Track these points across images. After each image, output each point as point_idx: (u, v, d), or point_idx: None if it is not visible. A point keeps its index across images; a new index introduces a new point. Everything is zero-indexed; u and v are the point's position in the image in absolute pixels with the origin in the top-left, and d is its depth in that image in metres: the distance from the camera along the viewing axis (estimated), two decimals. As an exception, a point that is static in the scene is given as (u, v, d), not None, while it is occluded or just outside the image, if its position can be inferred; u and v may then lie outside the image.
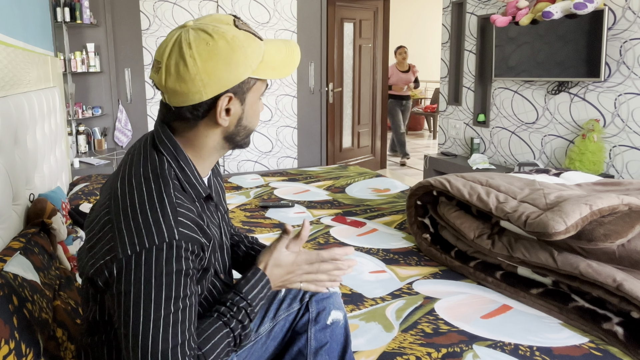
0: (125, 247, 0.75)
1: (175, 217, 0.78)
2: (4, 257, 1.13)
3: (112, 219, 0.79)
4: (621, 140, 3.20)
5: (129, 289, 0.75)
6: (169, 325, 0.75)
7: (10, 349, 0.87)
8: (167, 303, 0.75)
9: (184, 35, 0.80)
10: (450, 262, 1.76)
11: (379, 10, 5.41)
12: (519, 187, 1.69)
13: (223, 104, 0.83)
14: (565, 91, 3.53)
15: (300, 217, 2.35)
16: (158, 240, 0.75)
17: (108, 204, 0.82)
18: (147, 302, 0.74)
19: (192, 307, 0.79)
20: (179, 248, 0.76)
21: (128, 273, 0.75)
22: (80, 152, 4.11)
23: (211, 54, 0.79)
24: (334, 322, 1.09)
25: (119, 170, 0.88)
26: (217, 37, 0.80)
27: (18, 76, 1.73)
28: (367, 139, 5.68)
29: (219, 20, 0.83)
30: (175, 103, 0.83)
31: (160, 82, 0.82)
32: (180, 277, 0.77)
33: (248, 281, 0.90)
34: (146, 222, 0.77)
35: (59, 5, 3.70)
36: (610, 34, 3.17)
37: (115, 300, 0.77)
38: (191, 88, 0.80)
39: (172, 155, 0.85)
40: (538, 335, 1.32)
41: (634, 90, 3.09)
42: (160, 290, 0.75)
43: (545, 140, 3.74)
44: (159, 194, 0.80)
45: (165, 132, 0.86)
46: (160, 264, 0.75)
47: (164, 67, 0.80)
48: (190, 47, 0.79)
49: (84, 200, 2.20)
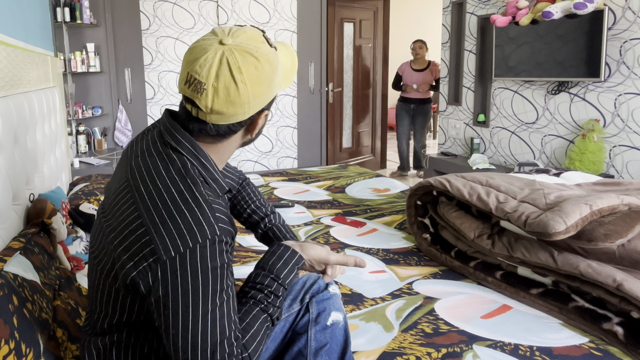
0: (168, 249, 0.76)
1: (213, 213, 0.80)
2: (4, 257, 1.13)
3: (146, 223, 0.79)
4: (621, 140, 3.20)
5: (177, 288, 0.76)
6: (216, 319, 0.77)
7: (10, 349, 0.87)
8: (213, 297, 0.77)
9: (230, 57, 0.80)
10: (450, 262, 1.76)
11: (379, 10, 5.41)
12: (519, 187, 1.69)
13: (262, 122, 0.89)
14: (565, 91, 3.52)
15: (300, 217, 2.35)
16: (201, 239, 0.77)
17: (134, 208, 0.81)
18: (195, 299, 0.76)
19: (233, 297, 0.81)
20: (220, 243, 0.79)
21: (173, 274, 0.76)
22: (80, 152, 4.11)
23: (260, 78, 0.82)
24: (334, 323, 1.09)
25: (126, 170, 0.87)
26: (262, 60, 0.83)
27: (18, 76, 1.73)
28: (367, 139, 5.68)
29: (255, 40, 0.85)
30: (217, 122, 0.84)
31: (204, 104, 0.81)
32: (223, 270, 0.79)
33: (286, 264, 0.94)
34: (186, 223, 0.78)
35: (59, 5, 3.70)
36: (610, 34, 3.17)
37: (161, 303, 0.77)
38: (238, 110, 0.83)
39: (192, 154, 0.86)
40: (538, 335, 1.32)
41: (634, 90, 3.09)
42: (207, 286, 0.77)
43: (545, 140, 3.74)
44: (192, 194, 0.81)
45: (180, 132, 0.87)
46: (205, 260, 0.77)
47: (211, 89, 0.80)
48: (240, 72, 0.80)
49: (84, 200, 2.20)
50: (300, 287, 1.16)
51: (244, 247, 1.95)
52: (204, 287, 0.77)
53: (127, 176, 0.87)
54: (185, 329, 0.76)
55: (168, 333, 0.77)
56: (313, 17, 4.72)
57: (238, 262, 1.78)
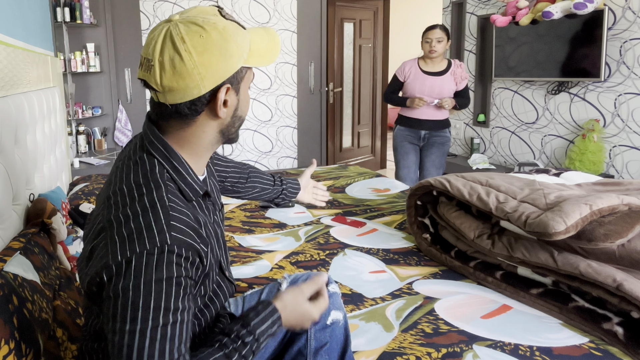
0: (116, 253, 0.73)
1: (168, 221, 0.75)
2: (4, 257, 1.13)
3: (106, 227, 0.77)
4: (621, 140, 3.20)
5: (118, 294, 0.71)
6: (155, 339, 0.70)
7: (10, 349, 0.87)
8: (155, 313, 0.71)
9: (174, 29, 0.78)
10: (450, 262, 1.76)
11: (379, 10, 5.41)
12: (519, 187, 1.69)
13: (222, 96, 0.82)
14: (565, 91, 3.52)
15: (300, 217, 2.35)
16: (149, 245, 0.72)
17: (102, 214, 0.81)
18: (134, 309, 0.70)
19: (184, 324, 0.74)
20: (170, 253, 0.73)
21: (118, 279, 0.72)
22: (80, 152, 4.11)
23: (206, 46, 0.78)
24: (333, 322, 1.09)
25: (110, 179, 0.86)
26: (209, 28, 0.78)
27: (18, 76, 1.73)
28: (367, 139, 5.68)
29: (205, 12, 0.82)
30: (172, 100, 0.80)
31: (154, 81, 0.79)
32: (171, 285, 0.73)
33: (258, 314, 0.86)
34: (138, 227, 0.74)
35: (59, 5, 3.70)
36: (610, 34, 3.17)
37: (104, 305, 0.74)
38: (189, 83, 0.78)
39: (164, 156, 0.83)
40: (538, 335, 1.32)
41: (634, 90, 3.09)
42: (149, 298, 0.71)
43: (545, 140, 3.74)
44: (151, 199, 0.77)
45: (154, 134, 0.84)
46: (150, 269, 0.72)
47: (157, 64, 0.78)
48: (184, 41, 0.77)
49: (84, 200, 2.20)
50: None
51: (244, 247, 1.95)
52: (145, 298, 0.70)
53: (108, 182, 0.86)
54: (121, 338, 0.71)
55: (108, 336, 0.73)
56: (313, 17, 4.72)
57: (238, 262, 1.78)
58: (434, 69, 3.11)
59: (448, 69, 3.10)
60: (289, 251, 1.91)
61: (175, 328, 0.73)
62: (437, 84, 3.08)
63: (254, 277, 1.66)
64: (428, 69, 3.12)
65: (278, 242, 2.01)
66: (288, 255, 1.87)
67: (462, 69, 3.11)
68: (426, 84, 3.09)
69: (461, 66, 3.12)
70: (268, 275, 1.67)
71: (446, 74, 3.09)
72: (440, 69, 3.11)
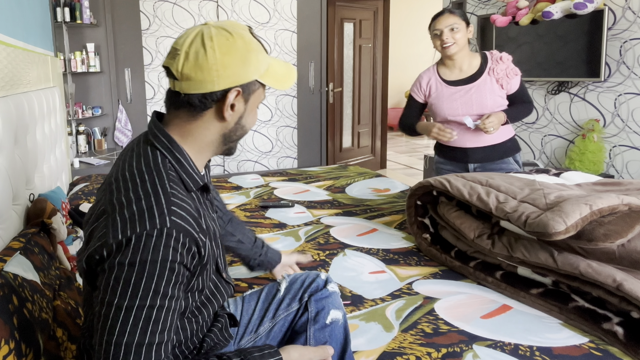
0: (117, 232, 0.75)
1: (169, 206, 0.78)
2: (4, 257, 1.13)
3: (107, 210, 0.80)
4: (621, 140, 3.20)
5: (113, 268, 0.74)
6: (140, 318, 0.73)
7: (10, 349, 0.87)
8: (144, 293, 0.73)
9: (206, 30, 0.85)
10: (450, 262, 1.76)
11: (379, 10, 5.41)
12: (519, 187, 1.69)
13: (231, 97, 0.87)
14: (565, 91, 3.53)
15: (300, 217, 2.35)
16: (149, 226, 0.75)
17: (103, 198, 0.84)
18: (125, 286, 0.73)
19: (170, 312, 0.76)
20: (169, 237, 0.76)
21: (116, 254, 0.74)
22: (80, 152, 4.11)
23: (230, 48, 0.85)
24: (333, 321, 1.09)
25: (113, 169, 0.89)
26: (236, 36, 0.86)
27: (18, 76, 1.73)
28: (367, 139, 5.68)
29: (237, 26, 0.90)
30: (187, 89, 0.85)
31: (175, 67, 0.85)
32: (164, 268, 0.75)
33: (261, 350, 0.88)
34: (140, 209, 0.77)
35: (59, 5, 3.70)
36: (610, 34, 3.17)
37: (99, 279, 0.76)
38: (206, 77, 0.84)
39: (167, 147, 0.87)
40: (538, 335, 1.32)
41: (634, 90, 3.09)
42: (142, 278, 0.73)
43: (545, 140, 3.74)
44: (153, 184, 0.81)
45: (158, 128, 0.89)
46: (147, 250, 0.74)
47: (183, 54, 0.84)
48: (211, 40, 0.84)
49: (84, 200, 2.20)
50: (299, 286, 1.17)
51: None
52: (138, 277, 0.73)
53: (110, 173, 0.90)
54: (108, 310, 0.73)
55: (96, 308, 0.76)
56: (313, 17, 4.72)
57: (238, 261, 1.78)
58: (461, 74, 2.16)
59: (483, 69, 2.13)
60: (289, 251, 1.91)
61: (161, 313, 0.75)
62: (472, 95, 2.11)
63: (254, 277, 1.66)
64: (453, 77, 2.17)
65: (278, 242, 2.01)
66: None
67: (506, 61, 2.11)
68: (455, 98, 2.13)
69: (502, 58, 2.11)
70: (268, 276, 1.67)
71: (482, 76, 2.11)
72: (471, 71, 2.14)
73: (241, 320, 1.15)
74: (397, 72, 8.43)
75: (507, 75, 2.08)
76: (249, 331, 1.13)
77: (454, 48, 2.09)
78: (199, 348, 0.95)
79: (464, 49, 2.12)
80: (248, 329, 1.13)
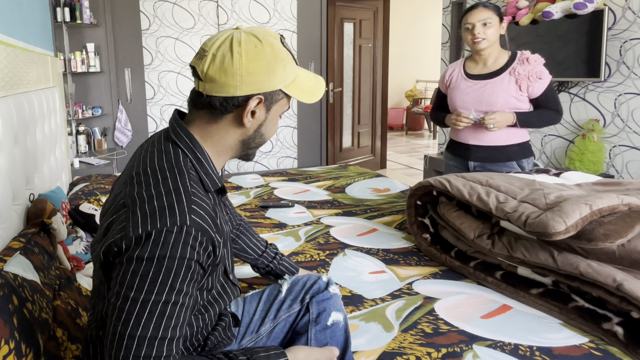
0: (137, 226, 0.76)
1: (190, 204, 0.79)
2: (4, 257, 1.13)
3: (128, 203, 0.80)
4: (621, 140, 3.20)
5: (131, 261, 0.75)
6: (154, 312, 0.73)
7: (10, 349, 0.87)
8: (160, 288, 0.74)
9: (236, 34, 0.86)
10: (450, 262, 1.76)
11: (379, 10, 5.41)
12: (519, 187, 1.69)
13: (253, 104, 0.87)
14: (565, 91, 3.53)
15: (300, 217, 2.35)
16: (169, 223, 0.76)
17: (124, 191, 0.84)
18: (142, 280, 0.73)
19: (184, 309, 0.77)
20: (188, 234, 0.76)
21: (135, 248, 0.75)
22: (80, 152, 4.11)
23: (257, 56, 0.85)
24: (334, 323, 1.09)
25: (133, 163, 0.90)
26: (265, 43, 0.86)
27: (18, 76, 1.73)
28: (367, 139, 5.68)
29: (269, 33, 0.90)
30: (210, 91, 0.86)
31: (201, 68, 0.86)
32: (182, 266, 0.76)
33: (267, 350, 0.88)
34: (161, 205, 0.78)
35: (59, 5, 3.70)
36: (610, 34, 3.17)
37: (115, 271, 0.77)
38: (230, 81, 0.84)
39: (188, 146, 0.88)
40: (538, 335, 1.32)
41: (634, 90, 3.09)
42: (159, 273, 0.74)
43: (545, 140, 3.74)
44: (174, 182, 0.82)
45: (180, 126, 0.89)
46: (166, 246, 0.75)
47: (210, 56, 0.85)
48: (240, 45, 0.84)
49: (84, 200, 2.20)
50: (300, 287, 1.17)
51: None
52: (156, 272, 0.74)
53: (129, 167, 0.90)
54: (123, 303, 0.73)
55: (111, 300, 0.76)
56: (313, 17, 4.72)
57: (239, 261, 1.78)
58: (484, 69, 2.15)
59: (506, 67, 2.10)
60: (289, 251, 1.91)
61: (175, 309, 0.75)
62: (485, 90, 2.09)
63: (255, 277, 1.66)
64: (475, 72, 2.17)
65: (278, 242, 2.01)
66: (288, 255, 1.87)
67: (533, 63, 2.05)
68: (468, 92, 2.13)
69: (529, 60, 2.06)
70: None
71: (501, 74, 2.08)
72: (494, 68, 2.12)
73: (242, 321, 1.15)
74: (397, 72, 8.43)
75: (529, 78, 2.04)
76: (250, 331, 1.13)
77: (484, 43, 2.07)
78: (203, 345, 0.96)
79: (494, 44, 2.11)
80: (249, 329, 1.13)
